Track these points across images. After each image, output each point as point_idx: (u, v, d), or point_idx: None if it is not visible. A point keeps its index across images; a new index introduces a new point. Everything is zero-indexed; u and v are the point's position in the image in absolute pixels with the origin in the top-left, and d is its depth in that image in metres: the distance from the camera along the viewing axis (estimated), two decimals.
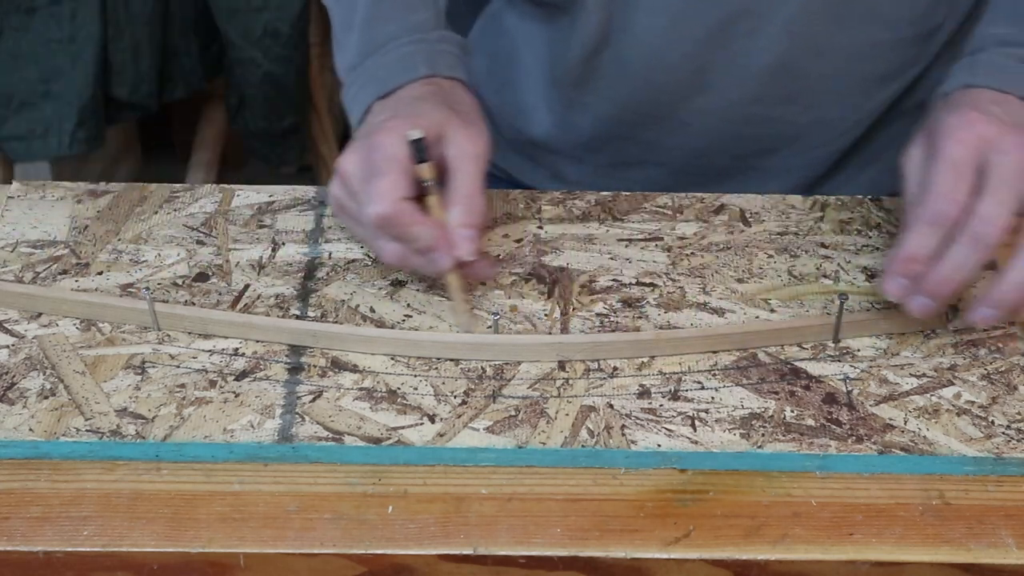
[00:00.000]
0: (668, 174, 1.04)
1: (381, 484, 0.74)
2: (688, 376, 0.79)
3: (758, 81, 0.96)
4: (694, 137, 1.00)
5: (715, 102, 0.97)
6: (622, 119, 1.01)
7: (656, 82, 0.97)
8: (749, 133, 1.00)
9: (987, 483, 0.74)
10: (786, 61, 0.94)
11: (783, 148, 1.02)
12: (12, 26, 1.73)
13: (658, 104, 0.99)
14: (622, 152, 1.04)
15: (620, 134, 1.02)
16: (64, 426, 0.76)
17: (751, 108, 0.98)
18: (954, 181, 0.74)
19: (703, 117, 0.98)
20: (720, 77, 0.96)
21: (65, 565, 0.71)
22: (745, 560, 0.71)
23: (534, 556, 0.71)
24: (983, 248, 0.74)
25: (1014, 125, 0.76)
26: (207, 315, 0.82)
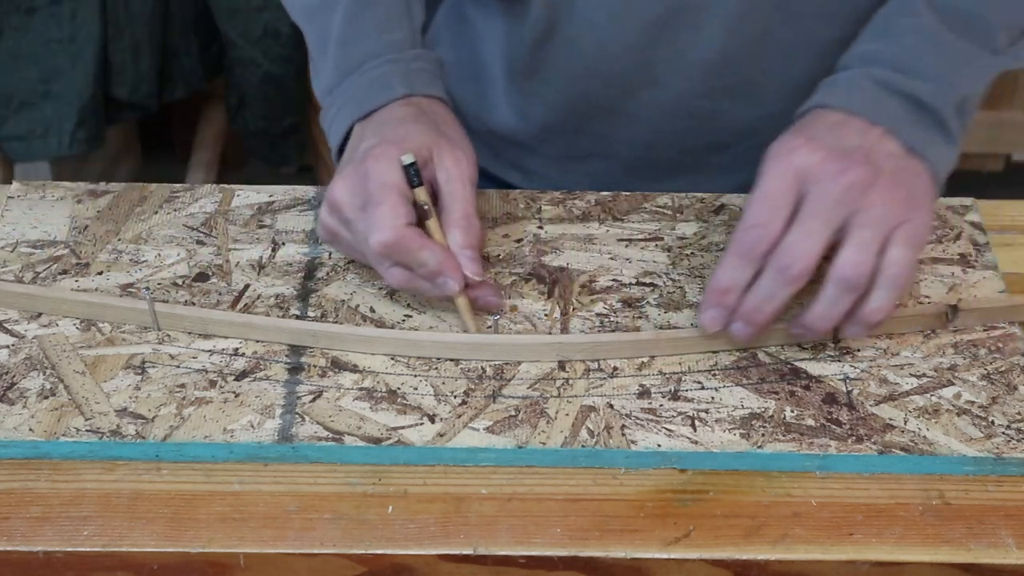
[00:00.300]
0: (619, 167, 1.04)
1: (381, 484, 0.74)
2: (688, 376, 0.79)
3: (703, 75, 0.95)
4: (643, 131, 1.00)
5: (662, 96, 0.97)
6: (572, 111, 1.01)
7: (602, 74, 0.96)
8: (697, 127, 1.00)
9: (987, 483, 0.74)
10: (729, 56, 0.94)
11: (733, 144, 1.01)
12: (12, 26, 1.73)
13: (605, 96, 0.98)
14: (574, 145, 1.04)
15: (571, 126, 1.02)
16: (64, 426, 0.76)
17: (698, 102, 0.97)
18: (765, 213, 0.75)
19: (650, 110, 0.98)
20: (665, 71, 0.95)
21: (65, 565, 0.71)
22: (745, 560, 0.71)
23: (534, 556, 0.71)
24: (790, 279, 0.74)
25: (841, 152, 0.76)
26: (207, 315, 0.82)
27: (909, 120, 0.79)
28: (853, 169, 0.75)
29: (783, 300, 0.75)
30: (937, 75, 0.81)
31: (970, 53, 0.82)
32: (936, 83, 0.80)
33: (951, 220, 0.92)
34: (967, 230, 0.91)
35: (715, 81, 0.96)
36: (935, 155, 0.80)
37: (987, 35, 0.83)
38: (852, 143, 0.77)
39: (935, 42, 0.81)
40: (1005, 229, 0.92)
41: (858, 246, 0.74)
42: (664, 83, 0.96)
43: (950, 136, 0.81)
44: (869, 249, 0.74)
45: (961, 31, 0.82)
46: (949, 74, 0.81)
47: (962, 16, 0.83)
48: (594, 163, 1.04)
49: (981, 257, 0.88)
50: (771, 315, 0.76)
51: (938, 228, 0.91)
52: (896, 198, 0.75)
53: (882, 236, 0.75)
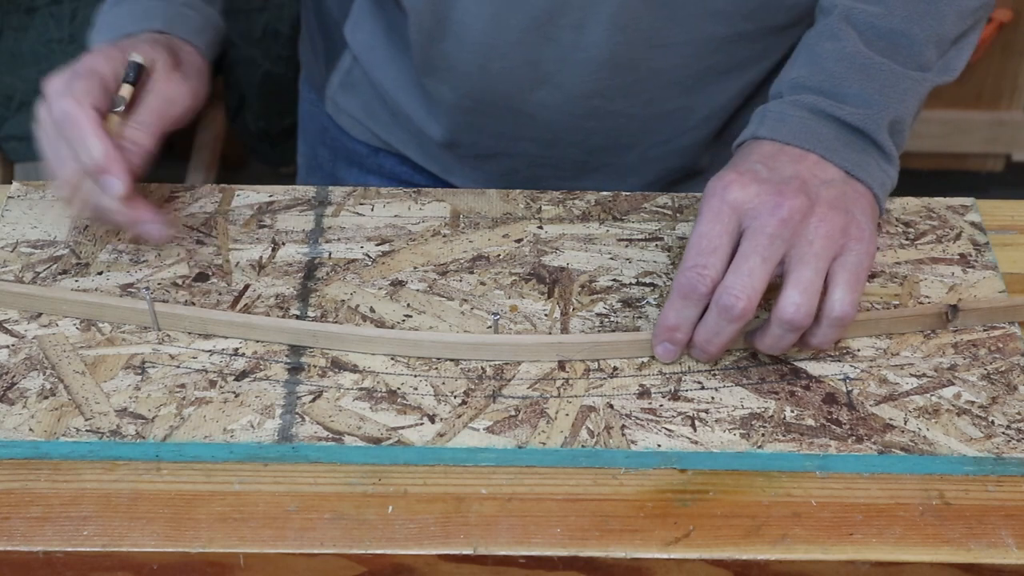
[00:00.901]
0: (526, 166, 1.04)
1: (381, 484, 0.74)
2: (688, 376, 0.79)
3: (593, 75, 0.95)
4: (541, 130, 1.00)
5: (556, 95, 0.97)
6: (469, 110, 1.00)
7: (492, 73, 0.96)
8: (595, 127, 1.00)
9: (987, 483, 0.74)
10: (618, 55, 0.94)
11: (636, 143, 1.01)
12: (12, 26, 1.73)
13: (499, 95, 0.98)
14: (478, 144, 1.04)
15: (471, 125, 1.02)
16: (64, 426, 0.76)
17: (591, 101, 0.97)
18: (704, 255, 0.75)
19: (547, 110, 0.98)
20: (555, 70, 0.95)
21: (65, 565, 0.71)
22: (745, 560, 0.71)
23: (534, 556, 0.71)
24: (733, 318, 0.75)
25: (777, 184, 0.76)
26: (207, 315, 0.82)
27: (842, 144, 0.79)
28: (788, 201, 0.75)
29: (730, 335, 0.76)
30: (866, 100, 0.80)
31: (897, 74, 0.81)
32: (866, 108, 0.80)
33: (951, 220, 0.92)
34: (967, 230, 0.91)
35: (606, 80, 0.96)
36: (873, 176, 0.80)
37: (913, 52, 0.82)
38: (787, 173, 0.77)
39: (860, 66, 0.81)
40: (1005, 229, 0.92)
41: (798, 286, 0.74)
42: (556, 82, 0.96)
43: (887, 156, 0.81)
44: (809, 290, 0.74)
45: (886, 52, 0.82)
46: (878, 97, 0.80)
47: (886, 36, 0.82)
48: (501, 162, 1.04)
49: (981, 257, 0.88)
50: (721, 348, 0.77)
51: (938, 228, 0.91)
52: (835, 226, 0.75)
53: (823, 271, 0.75)
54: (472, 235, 0.90)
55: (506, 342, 0.80)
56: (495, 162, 1.05)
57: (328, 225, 0.91)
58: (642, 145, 1.01)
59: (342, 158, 1.14)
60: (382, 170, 1.13)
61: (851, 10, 0.83)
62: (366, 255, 0.88)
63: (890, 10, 0.82)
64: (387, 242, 0.89)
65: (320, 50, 1.12)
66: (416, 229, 0.90)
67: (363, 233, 0.90)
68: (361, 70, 1.07)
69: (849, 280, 0.75)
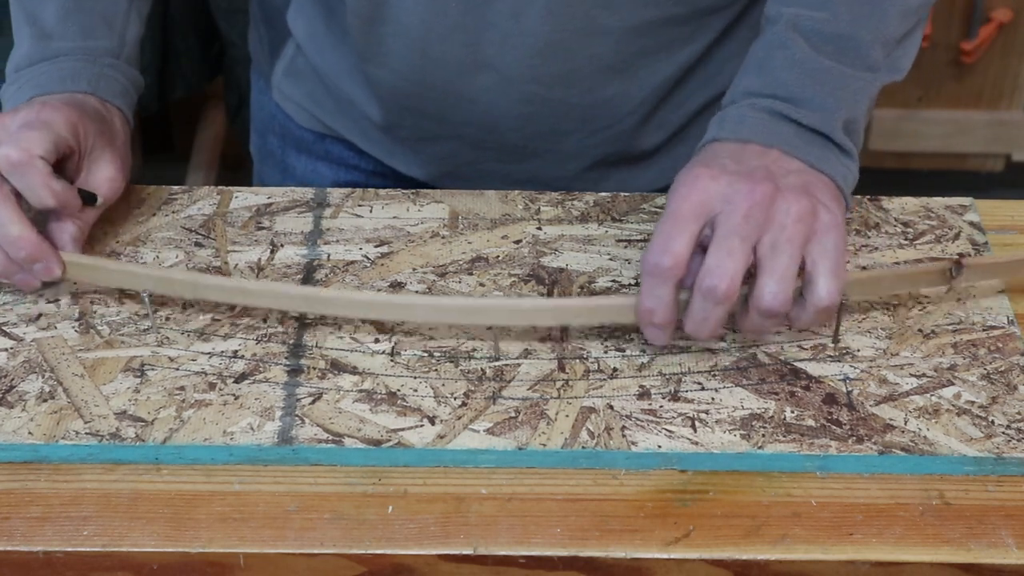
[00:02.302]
0: (468, 149, 1.04)
1: (381, 484, 0.74)
2: (688, 377, 0.79)
3: (530, 61, 0.95)
4: (482, 114, 1.00)
5: (493, 80, 0.97)
6: (410, 94, 1.00)
7: (431, 57, 0.96)
8: (536, 112, 1.00)
9: (987, 483, 0.74)
10: (553, 43, 0.94)
11: (574, 129, 1.02)
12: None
13: (439, 79, 0.98)
14: (419, 127, 1.04)
15: (411, 107, 1.02)
16: (63, 429, 0.76)
17: (530, 87, 0.97)
18: (671, 232, 0.75)
19: (486, 94, 0.98)
20: (494, 54, 0.95)
21: (65, 565, 0.71)
22: (745, 560, 0.71)
23: (534, 556, 0.71)
24: (719, 300, 0.74)
25: (746, 174, 0.76)
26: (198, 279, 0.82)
27: (803, 142, 0.80)
28: (758, 186, 0.75)
29: (718, 318, 0.76)
30: (820, 104, 0.81)
31: (847, 76, 0.82)
32: (820, 111, 0.81)
33: (950, 220, 0.92)
34: (966, 230, 0.91)
35: (543, 67, 0.96)
36: (835, 169, 0.80)
37: (861, 54, 0.83)
38: (753, 164, 0.78)
39: (811, 71, 0.82)
40: (1005, 229, 0.92)
41: (774, 275, 0.74)
42: (494, 67, 0.96)
43: (846, 153, 0.81)
44: (785, 277, 0.74)
45: (835, 56, 0.82)
46: (831, 100, 0.81)
47: (834, 40, 0.82)
48: (443, 145, 1.04)
49: (980, 257, 0.88)
50: (713, 331, 0.77)
51: (937, 228, 0.91)
52: (804, 208, 0.75)
53: (797, 257, 0.75)
54: (471, 236, 0.90)
55: (502, 306, 0.80)
56: (436, 145, 1.05)
57: (327, 227, 0.91)
58: (581, 131, 1.02)
59: (291, 145, 1.15)
60: (330, 156, 1.13)
61: (797, 17, 0.83)
62: (365, 257, 0.88)
63: (836, 15, 0.83)
64: (386, 244, 0.89)
65: (265, 39, 1.13)
66: (415, 230, 0.90)
67: (362, 235, 0.90)
68: (304, 58, 1.08)
69: (831, 268, 0.75)
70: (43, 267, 0.83)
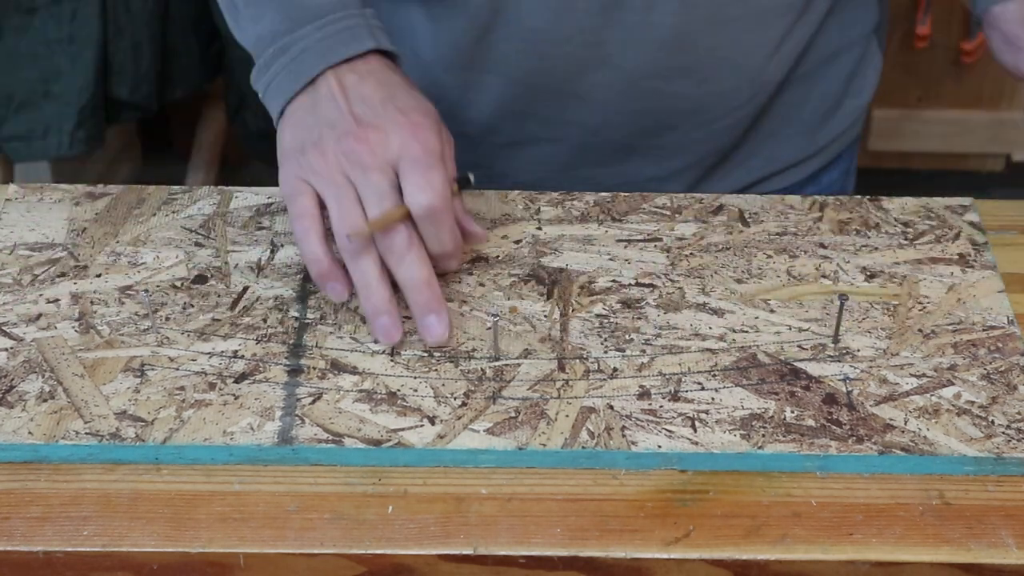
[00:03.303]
0: (566, 152, 1.03)
1: (381, 484, 0.74)
2: (688, 377, 0.79)
3: (655, 54, 0.95)
4: (593, 113, 1.00)
5: (613, 76, 0.97)
6: (521, 95, 1.00)
7: (552, 55, 0.96)
8: (647, 108, 1.00)
9: (987, 483, 0.74)
10: (682, 34, 0.94)
11: (680, 124, 1.01)
12: (12, 26, 1.73)
13: (556, 78, 0.98)
14: (521, 130, 1.03)
15: (518, 110, 1.01)
16: (63, 429, 0.76)
17: (649, 82, 0.97)
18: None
19: (602, 91, 0.98)
20: (617, 50, 0.95)
21: (65, 565, 0.71)
22: (745, 560, 0.71)
23: (534, 556, 0.71)
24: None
25: None
26: None
27: None
28: None
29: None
30: None
31: None
32: None
33: (950, 220, 0.92)
34: (966, 230, 0.91)
35: (667, 60, 0.96)
36: None
37: None
38: None
39: None
40: (1005, 229, 0.92)
41: None
42: (616, 63, 0.96)
43: None
44: None
45: None
46: None
47: None
48: (542, 148, 1.04)
49: (980, 257, 0.88)
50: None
51: (937, 228, 0.91)
52: None
53: None
54: None
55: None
56: (533, 149, 1.04)
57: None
58: (686, 126, 1.01)
59: None
60: None
61: None
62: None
63: None
64: None
65: None
66: None
67: None
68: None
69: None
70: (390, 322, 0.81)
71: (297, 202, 0.82)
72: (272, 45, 0.87)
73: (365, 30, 0.86)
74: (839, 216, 0.92)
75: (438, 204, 0.79)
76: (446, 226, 0.81)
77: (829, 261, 0.88)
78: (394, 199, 0.80)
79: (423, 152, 0.80)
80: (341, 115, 0.83)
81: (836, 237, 0.90)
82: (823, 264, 0.88)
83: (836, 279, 0.87)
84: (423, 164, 0.80)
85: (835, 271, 0.87)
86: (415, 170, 0.80)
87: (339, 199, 0.81)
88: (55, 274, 0.87)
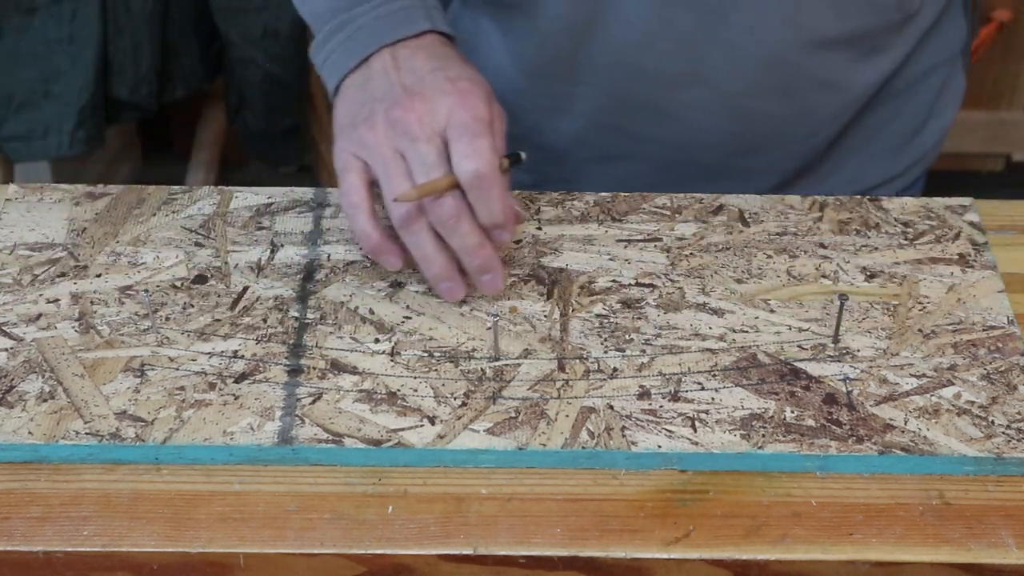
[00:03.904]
0: (653, 171, 1.03)
1: (381, 484, 0.74)
2: (688, 377, 0.79)
3: (754, 75, 0.95)
4: (684, 131, 1.00)
5: (706, 94, 0.97)
6: (611, 108, 1.00)
7: (647, 70, 0.95)
8: (737, 128, 0.99)
9: (987, 483, 0.74)
10: (781, 54, 0.94)
11: (768, 143, 1.01)
12: (12, 26, 1.73)
13: (648, 93, 0.97)
14: (610, 145, 1.03)
15: (608, 123, 1.01)
16: (63, 429, 0.76)
17: (742, 101, 0.97)
18: None
19: (693, 109, 0.98)
20: (715, 69, 0.95)
21: (65, 565, 0.71)
22: (745, 560, 0.71)
23: (534, 556, 0.71)
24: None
25: None
26: None
27: None
28: None
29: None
30: None
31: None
32: None
33: (950, 220, 0.92)
34: (966, 230, 0.91)
35: (763, 80, 0.96)
36: None
37: None
38: None
39: None
40: (1004, 229, 0.92)
41: None
42: (711, 81, 0.95)
43: None
44: None
45: None
46: None
47: None
48: (627, 165, 1.03)
49: (980, 257, 0.88)
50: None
51: (937, 228, 0.91)
52: None
53: None
54: None
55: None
56: (619, 166, 1.03)
57: (327, 227, 0.91)
58: (773, 145, 1.01)
59: None
60: None
61: None
62: (365, 257, 0.88)
63: None
64: None
65: None
66: None
67: None
68: None
69: None
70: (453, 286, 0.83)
71: (346, 179, 0.83)
72: (330, 21, 0.87)
73: (421, 11, 0.87)
74: (839, 216, 0.92)
75: (485, 170, 0.79)
76: (495, 194, 0.80)
77: (829, 261, 0.88)
78: (443, 169, 0.80)
79: (471, 119, 0.80)
80: (391, 87, 0.83)
81: (836, 237, 0.90)
82: (823, 264, 0.88)
83: (836, 279, 0.87)
84: (470, 131, 0.80)
85: (835, 271, 0.87)
86: (462, 138, 0.80)
87: (388, 172, 0.81)
88: (55, 274, 0.87)
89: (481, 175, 0.79)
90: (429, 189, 0.80)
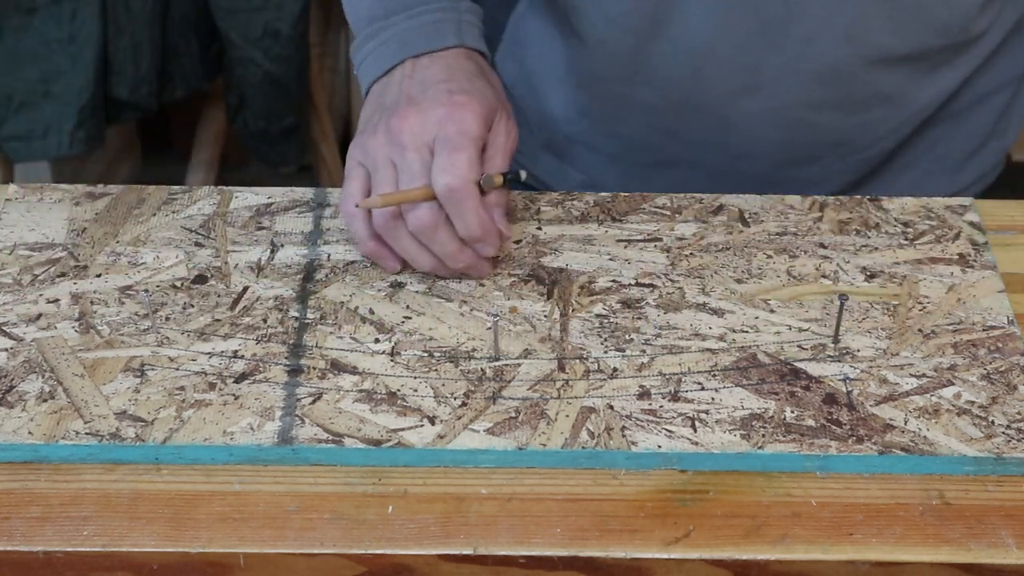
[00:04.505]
0: (704, 178, 1.02)
1: (381, 484, 0.74)
2: (688, 377, 0.79)
3: (810, 87, 0.95)
4: (739, 140, 0.99)
5: (766, 104, 0.96)
6: (669, 112, 0.99)
7: (706, 76, 0.95)
8: (793, 138, 0.99)
9: (987, 483, 0.74)
10: (841, 67, 0.93)
11: (824, 155, 1.01)
12: (12, 26, 1.73)
13: (707, 99, 0.97)
14: (665, 150, 1.02)
15: (666, 128, 1.00)
16: (63, 429, 0.76)
17: (801, 113, 0.97)
18: None
19: (750, 117, 0.97)
20: (772, 79, 0.94)
21: (65, 565, 0.71)
22: (745, 560, 0.71)
23: (534, 556, 0.71)
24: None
25: None
26: None
27: None
28: None
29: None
30: None
31: None
32: None
33: (950, 220, 0.92)
34: (966, 230, 0.91)
35: (821, 92, 0.95)
36: None
37: None
38: None
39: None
40: (1004, 229, 0.92)
41: None
42: (768, 90, 0.95)
43: None
44: None
45: None
46: None
47: None
48: (682, 171, 1.03)
49: (980, 257, 0.88)
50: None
51: (937, 228, 0.91)
52: None
53: None
54: None
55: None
56: (670, 172, 1.03)
57: (327, 227, 0.91)
58: (829, 157, 1.01)
59: None
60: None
61: None
62: (365, 257, 0.88)
63: None
64: None
65: None
66: None
67: None
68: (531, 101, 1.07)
69: None
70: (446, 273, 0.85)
71: (347, 185, 0.85)
72: (367, 28, 0.89)
73: (452, 24, 0.87)
74: (839, 216, 0.92)
75: (457, 185, 0.80)
76: (468, 208, 0.81)
77: (829, 261, 0.88)
78: (425, 179, 0.81)
79: (456, 133, 0.81)
80: (399, 96, 0.85)
81: (836, 237, 0.90)
82: (823, 264, 0.88)
83: (836, 279, 0.87)
84: (451, 145, 0.81)
85: (835, 271, 0.87)
86: (443, 151, 0.81)
87: (377, 178, 0.83)
88: (55, 274, 0.87)
89: (453, 189, 0.80)
90: (399, 199, 0.82)
